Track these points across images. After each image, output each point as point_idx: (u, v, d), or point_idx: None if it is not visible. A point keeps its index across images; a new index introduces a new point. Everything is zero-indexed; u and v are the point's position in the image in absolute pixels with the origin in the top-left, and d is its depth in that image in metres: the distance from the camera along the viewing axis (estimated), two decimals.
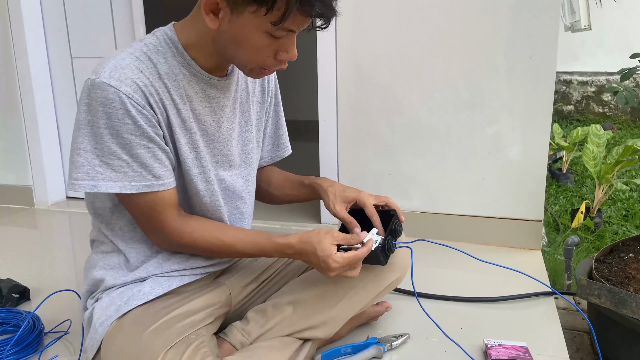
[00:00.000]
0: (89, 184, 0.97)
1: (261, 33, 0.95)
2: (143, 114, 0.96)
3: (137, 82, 0.96)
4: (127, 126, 0.95)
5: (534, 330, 1.35)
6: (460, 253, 1.27)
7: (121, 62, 0.96)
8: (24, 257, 1.95)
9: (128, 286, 1.10)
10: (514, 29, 1.77)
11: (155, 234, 1.07)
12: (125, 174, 0.98)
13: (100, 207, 1.10)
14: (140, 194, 1.00)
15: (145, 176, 0.99)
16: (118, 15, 2.37)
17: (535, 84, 1.79)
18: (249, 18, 0.93)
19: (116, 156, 0.97)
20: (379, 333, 1.31)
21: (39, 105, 2.49)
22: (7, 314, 1.39)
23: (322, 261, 1.03)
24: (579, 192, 3.03)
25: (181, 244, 1.07)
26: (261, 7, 0.90)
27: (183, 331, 1.01)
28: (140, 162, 0.98)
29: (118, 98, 0.93)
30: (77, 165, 0.97)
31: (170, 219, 1.05)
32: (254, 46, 0.97)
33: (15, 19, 2.40)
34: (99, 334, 1.04)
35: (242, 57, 1.00)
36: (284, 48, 0.99)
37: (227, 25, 0.95)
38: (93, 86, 0.94)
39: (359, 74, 1.97)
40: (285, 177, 1.32)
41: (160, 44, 1.02)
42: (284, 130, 1.33)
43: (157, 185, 1.01)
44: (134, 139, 0.96)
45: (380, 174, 2.03)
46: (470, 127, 1.89)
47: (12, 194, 2.61)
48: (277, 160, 1.35)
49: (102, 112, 0.94)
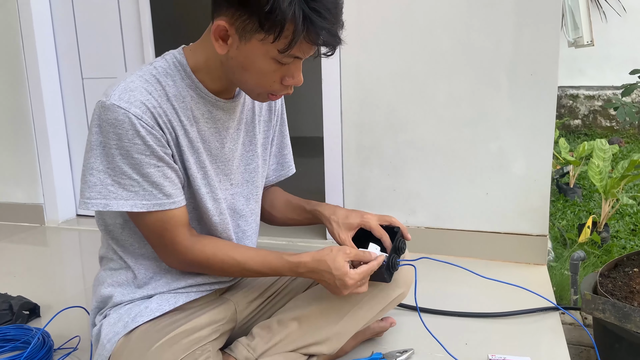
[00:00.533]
0: (101, 203, 1.00)
1: (268, 59, 0.98)
2: (152, 134, 1.00)
3: (145, 104, 0.99)
4: (137, 146, 0.98)
5: (539, 346, 1.35)
6: (462, 269, 1.28)
7: (130, 85, 1.00)
8: (34, 274, 1.98)
9: (135, 303, 1.12)
10: (516, 46, 1.80)
11: (166, 253, 1.09)
12: (136, 193, 1.00)
13: (111, 223, 1.13)
14: (151, 212, 1.03)
15: (156, 195, 1.02)
16: (128, 37, 2.43)
17: (538, 100, 1.81)
18: (257, 45, 0.96)
19: (127, 175, 1.00)
20: (383, 349, 1.32)
21: (50, 125, 2.55)
22: (18, 330, 1.41)
23: (338, 279, 1.05)
24: (586, 206, 3.02)
25: (193, 262, 1.09)
26: (269, 35, 0.94)
27: (189, 347, 1.03)
28: (150, 181, 1.01)
29: (128, 119, 0.97)
30: (89, 184, 1.00)
31: (181, 237, 1.07)
32: (261, 72, 1.00)
33: (27, 39, 2.47)
34: (107, 350, 1.06)
35: (249, 82, 1.03)
36: (290, 73, 1.02)
37: (235, 52, 0.99)
38: (104, 108, 0.98)
39: (362, 91, 2.01)
40: (288, 201, 1.34)
41: (169, 67, 1.06)
42: (288, 149, 1.36)
43: (167, 203, 1.03)
44: (143, 158, 0.99)
45: (385, 190, 2.04)
46: (473, 143, 1.91)
47: (23, 212, 2.65)
48: (282, 179, 1.37)
49: (112, 133, 0.98)
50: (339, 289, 1.07)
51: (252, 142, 1.21)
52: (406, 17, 1.90)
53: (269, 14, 0.91)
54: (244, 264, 1.09)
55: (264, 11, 0.91)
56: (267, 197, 1.35)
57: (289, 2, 0.91)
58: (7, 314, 1.51)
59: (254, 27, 0.94)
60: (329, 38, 0.96)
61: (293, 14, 0.91)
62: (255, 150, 1.22)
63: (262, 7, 0.91)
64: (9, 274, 1.97)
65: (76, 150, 2.65)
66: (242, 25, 0.95)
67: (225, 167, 1.15)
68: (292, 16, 0.91)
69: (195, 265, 1.10)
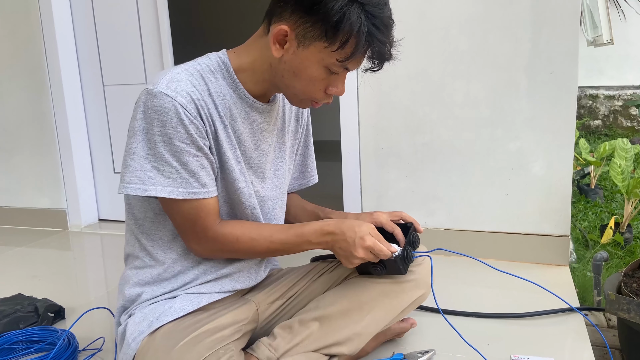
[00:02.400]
0: (140, 188, 1.03)
1: (321, 67, 1.03)
2: (194, 124, 1.02)
3: (190, 95, 1.02)
4: (179, 134, 1.01)
5: (563, 347, 1.33)
6: (485, 269, 1.28)
7: (177, 76, 1.03)
8: (58, 277, 2.02)
9: (159, 302, 1.14)
10: (534, 45, 1.79)
11: (197, 240, 1.11)
12: (174, 180, 1.03)
13: (141, 217, 1.15)
14: (186, 200, 1.05)
15: (192, 183, 1.05)
16: (147, 44, 2.47)
17: (557, 100, 1.79)
18: (314, 52, 1.01)
19: (167, 163, 1.02)
20: (404, 349, 1.32)
21: (72, 132, 2.60)
22: (44, 332, 1.44)
23: (359, 237, 1.07)
24: (608, 207, 2.98)
25: (224, 244, 1.11)
26: (332, 44, 0.98)
27: (212, 346, 1.04)
28: (188, 170, 1.04)
29: (173, 107, 1.00)
30: (130, 169, 1.03)
31: (212, 223, 1.10)
32: (311, 78, 1.04)
33: (50, 48, 2.52)
34: (132, 349, 1.08)
35: (296, 87, 1.07)
36: (335, 84, 1.07)
37: (290, 56, 1.03)
38: (150, 95, 1.01)
39: (379, 94, 2.01)
40: (303, 207, 1.37)
41: (212, 64, 1.09)
42: (312, 159, 1.39)
43: (202, 192, 1.06)
44: (184, 147, 1.02)
45: (403, 192, 2.04)
46: (492, 144, 1.90)
47: (47, 217, 2.71)
48: (303, 188, 1.40)
49: (157, 119, 1.00)
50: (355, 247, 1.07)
51: (281, 149, 1.24)
52: (423, 19, 1.90)
53: (338, 23, 0.96)
54: (270, 236, 1.12)
55: (332, 20, 0.96)
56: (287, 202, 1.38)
57: (357, 15, 0.95)
58: (33, 316, 1.54)
59: (316, 35, 0.98)
60: (384, 53, 1.02)
61: (359, 27, 0.96)
62: (283, 157, 1.25)
63: (331, 17, 0.95)
64: (34, 278, 2.01)
65: (98, 157, 2.69)
66: (304, 32, 0.99)
67: (257, 169, 1.18)
68: (358, 29, 0.96)
69: (226, 249, 1.12)
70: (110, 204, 2.72)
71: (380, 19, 0.99)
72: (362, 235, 1.07)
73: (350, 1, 0.96)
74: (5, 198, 2.80)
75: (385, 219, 1.21)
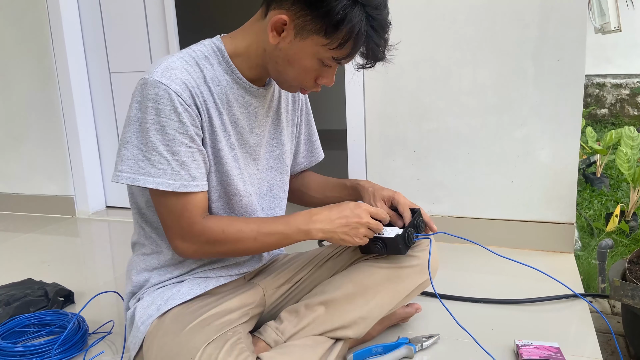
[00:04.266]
0: (130, 177, 1.03)
1: (314, 59, 1.03)
2: (188, 112, 1.02)
3: (185, 83, 1.03)
4: (172, 122, 1.01)
5: (567, 333, 1.34)
6: (489, 256, 1.29)
7: (172, 64, 1.03)
8: (66, 263, 2.04)
9: (167, 286, 1.15)
10: (541, 31, 1.78)
11: (181, 236, 1.07)
12: (164, 172, 1.02)
13: (143, 206, 1.16)
14: (174, 193, 1.04)
15: (183, 176, 1.04)
16: (153, 32, 2.47)
17: (564, 87, 1.79)
18: (310, 44, 1.01)
19: (158, 152, 1.02)
20: (409, 334, 1.33)
21: (79, 119, 2.61)
22: (54, 315, 1.46)
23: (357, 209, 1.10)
24: (613, 196, 2.97)
25: (209, 239, 1.07)
26: (330, 43, 0.99)
27: (221, 328, 1.06)
28: (179, 161, 1.03)
29: (168, 95, 1.00)
30: (122, 158, 1.04)
31: (198, 219, 1.07)
32: (303, 68, 1.05)
33: (56, 36, 2.53)
34: (141, 332, 1.09)
35: (288, 75, 1.07)
36: (326, 75, 1.08)
37: (286, 45, 1.02)
38: (146, 84, 1.01)
39: (385, 81, 2.01)
40: (326, 181, 1.39)
41: (207, 51, 1.09)
42: (316, 136, 1.40)
43: (192, 185, 1.05)
44: (177, 135, 1.02)
45: (408, 180, 2.05)
46: (498, 131, 1.90)
47: (55, 204, 2.73)
48: (313, 164, 1.42)
49: (151, 107, 1.00)
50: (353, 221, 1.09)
51: (277, 130, 1.24)
52: (430, 5, 1.89)
53: (339, 24, 0.96)
54: (259, 228, 1.08)
55: (334, 20, 0.96)
56: (303, 180, 1.40)
57: (359, 18, 0.96)
58: (43, 300, 1.57)
59: (314, 29, 0.98)
60: (378, 54, 1.03)
61: (359, 30, 0.97)
62: (279, 138, 1.25)
63: (333, 16, 0.95)
64: (43, 263, 2.03)
65: (105, 144, 2.71)
66: (303, 24, 0.99)
67: (252, 152, 1.18)
68: (358, 31, 0.97)
69: (212, 242, 1.07)
70: (117, 192, 2.74)
71: (378, 22, 0.99)
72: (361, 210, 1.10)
73: (353, 2, 0.96)
74: (15, 185, 2.83)
75: (403, 201, 1.23)
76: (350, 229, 1.09)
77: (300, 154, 1.38)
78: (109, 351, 1.34)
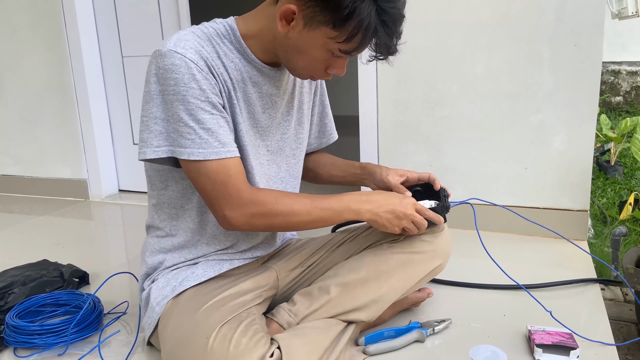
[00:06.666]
0: (167, 150, 1.02)
1: (324, 50, 1.02)
2: (207, 79, 1.02)
3: (199, 53, 1.02)
4: (192, 90, 1.00)
5: (580, 318, 1.34)
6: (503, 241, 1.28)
7: (184, 37, 1.03)
8: (80, 245, 2.07)
9: (182, 268, 1.16)
10: (558, 15, 1.75)
11: (231, 205, 1.03)
12: (192, 141, 1.01)
13: (160, 187, 1.17)
14: (210, 161, 1.01)
15: (212, 143, 1.02)
16: (165, 16, 2.46)
17: (581, 73, 1.76)
18: (319, 35, 0.99)
19: (184, 123, 1.00)
20: (421, 318, 1.34)
21: (92, 103, 2.62)
22: (70, 295, 1.48)
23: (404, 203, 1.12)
24: (627, 184, 2.94)
25: (263, 205, 1.04)
26: (339, 36, 0.98)
27: (235, 309, 1.07)
28: (205, 128, 1.01)
29: (184, 63, 0.99)
30: (154, 133, 1.02)
31: (245, 185, 1.04)
32: (313, 58, 1.04)
33: (70, 20, 2.53)
34: (156, 312, 1.11)
35: (297, 63, 1.06)
36: (337, 65, 1.07)
37: (295, 35, 1.01)
38: (160, 55, 1.00)
39: (398, 67, 1.99)
40: (334, 160, 1.39)
41: (219, 29, 1.08)
42: (329, 118, 1.39)
43: (223, 152, 1.03)
44: (199, 103, 1.00)
45: (421, 166, 2.04)
46: (512, 117, 1.88)
47: (68, 187, 2.76)
48: (324, 146, 1.42)
49: (170, 78, 0.99)
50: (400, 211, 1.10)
51: (289, 113, 1.24)
52: None
53: (347, 17, 0.94)
54: (312, 202, 1.06)
55: (342, 13, 0.94)
56: (315, 159, 1.40)
57: (368, 12, 0.94)
58: (59, 280, 1.59)
59: (323, 21, 0.97)
60: (390, 47, 1.01)
61: (368, 24, 0.95)
62: (290, 121, 1.24)
63: (341, 9, 0.94)
64: (58, 245, 2.06)
65: (117, 128, 2.72)
66: (312, 15, 0.97)
67: (262, 133, 1.18)
68: (367, 25, 0.95)
69: (265, 212, 1.04)
70: (129, 175, 2.76)
71: (390, 15, 0.97)
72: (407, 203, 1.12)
73: None
74: (29, 168, 2.85)
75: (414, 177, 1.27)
76: (394, 217, 1.11)
77: (311, 135, 1.37)
78: (124, 331, 1.36)
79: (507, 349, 1.19)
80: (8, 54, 2.73)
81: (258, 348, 0.98)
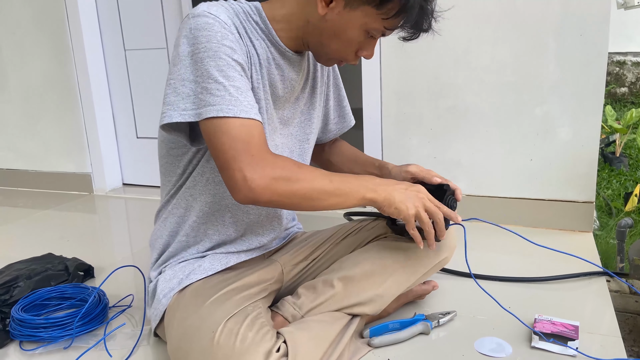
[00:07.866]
0: (195, 113, 0.98)
1: (362, 30, 1.02)
2: (238, 43, 1.00)
3: (230, 19, 1.01)
4: (224, 47, 0.98)
5: (586, 311, 1.34)
6: (508, 235, 1.27)
7: (215, 5, 1.02)
8: (85, 239, 2.07)
9: (189, 261, 1.17)
10: (564, 5, 1.73)
11: (253, 164, 0.96)
12: (222, 97, 0.96)
13: (177, 171, 1.15)
14: (236, 119, 0.96)
15: (242, 102, 0.97)
16: (168, 9, 2.45)
17: (586, 63, 1.75)
18: (360, 15, 0.99)
19: (214, 79, 0.96)
20: (425, 311, 1.34)
21: (95, 97, 2.62)
22: (75, 289, 1.48)
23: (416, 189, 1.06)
24: (633, 175, 2.93)
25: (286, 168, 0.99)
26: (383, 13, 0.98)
27: (241, 303, 1.07)
28: (235, 87, 0.97)
29: (217, 22, 0.98)
30: (182, 96, 0.98)
31: (268, 147, 1.00)
32: (348, 40, 1.04)
33: (72, 12, 2.52)
34: (163, 304, 1.11)
35: (331, 47, 1.06)
36: (368, 47, 1.07)
37: (334, 16, 1.01)
38: (193, 16, 0.99)
39: (402, 58, 1.98)
40: (356, 156, 1.38)
41: (245, 8, 1.07)
42: (346, 101, 1.39)
43: (253, 112, 0.98)
44: (230, 61, 0.98)
45: (425, 158, 2.03)
46: (517, 108, 1.87)
47: (72, 181, 2.76)
48: (344, 131, 1.41)
49: (202, 36, 0.97)
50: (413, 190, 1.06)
51: (303, 98, 1.23)
52: None
53: None
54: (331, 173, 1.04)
55: None
56: (335, 149, 1.40)
57: None
58: (64, 274, 1.59)
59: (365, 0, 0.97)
60: (428, 26, 1.02)
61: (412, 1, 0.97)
62: (305, 106, 1.24)
63: None
64: (62, 239, 2.06)
65: (121, 121, 2.72)
66: None
67: (282, 116, 1.17)
68: (411, 3, 0.97)
69: (285, 177, 0.98)
70: (133, 169, 2.76)
71: None
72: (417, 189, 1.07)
73: None
74: (32, 162, 2.86)
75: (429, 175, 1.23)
76: (406, 196, 1.04)
77: (331, 120, 1.36)
78: (129, 324, 1.36)
79: (513, 341, 1.19)
80: (10, 49, 2.72)
81: (264, 342, 0.97)
